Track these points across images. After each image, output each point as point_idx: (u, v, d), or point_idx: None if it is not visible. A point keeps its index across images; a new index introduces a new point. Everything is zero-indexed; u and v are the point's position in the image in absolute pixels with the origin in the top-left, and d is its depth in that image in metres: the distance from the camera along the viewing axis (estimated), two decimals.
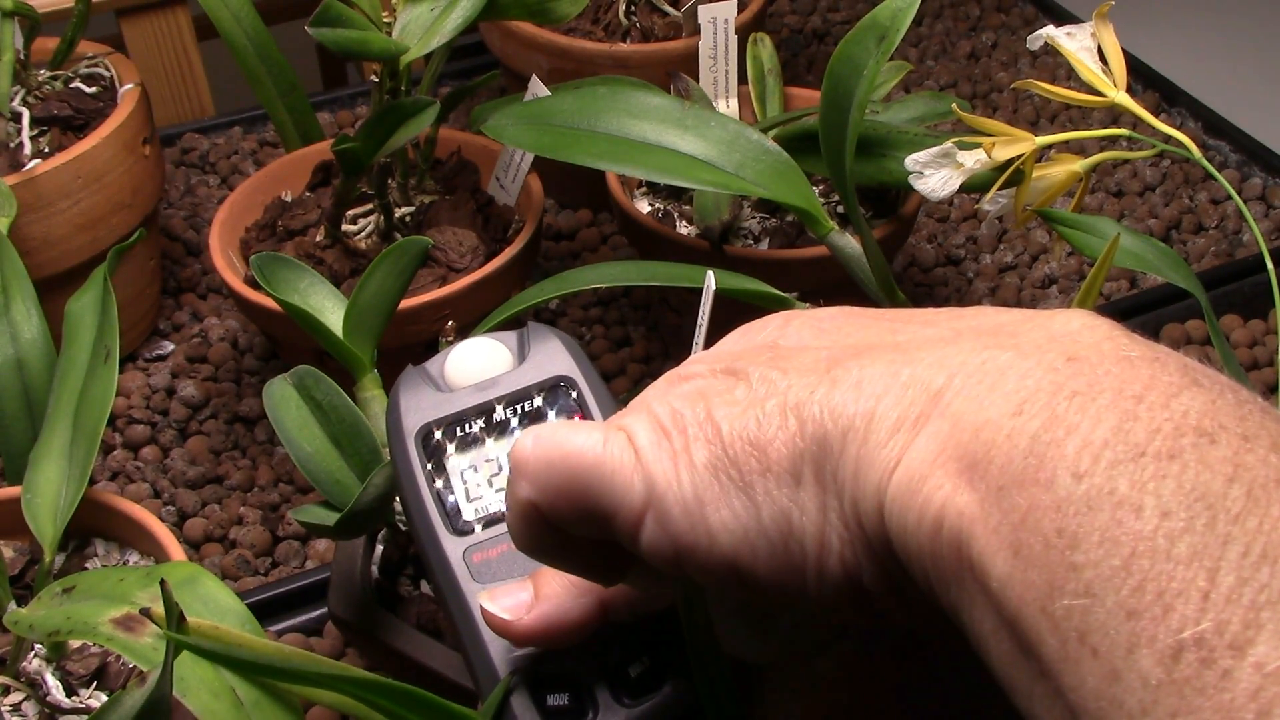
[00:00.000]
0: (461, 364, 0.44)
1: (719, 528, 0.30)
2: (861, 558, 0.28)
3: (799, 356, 0.31)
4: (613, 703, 0.38)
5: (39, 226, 0.77)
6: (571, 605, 0.37)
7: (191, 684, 0.46)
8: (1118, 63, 0.62)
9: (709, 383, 0.32)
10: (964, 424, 0.26)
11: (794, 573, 0.29)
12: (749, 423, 0.30)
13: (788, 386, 0.30)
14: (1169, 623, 0.22)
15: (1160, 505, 0.23)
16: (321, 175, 0.85)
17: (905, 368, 0.28)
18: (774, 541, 0.29)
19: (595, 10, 0.98)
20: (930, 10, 1.24)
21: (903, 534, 0.26)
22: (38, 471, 0.57)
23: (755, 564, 0.30)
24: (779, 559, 0.29)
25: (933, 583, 0.26)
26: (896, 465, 0.27)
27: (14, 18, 0.80)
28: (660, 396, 0.32)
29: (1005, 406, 0.26)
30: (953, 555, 0.25)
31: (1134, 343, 0.27)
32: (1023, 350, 0.27)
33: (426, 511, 0.41)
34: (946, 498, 0.25)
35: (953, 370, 0.27)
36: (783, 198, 0.66)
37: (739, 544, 0.30)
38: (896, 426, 0.27)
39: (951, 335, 0.29)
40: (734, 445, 0.30)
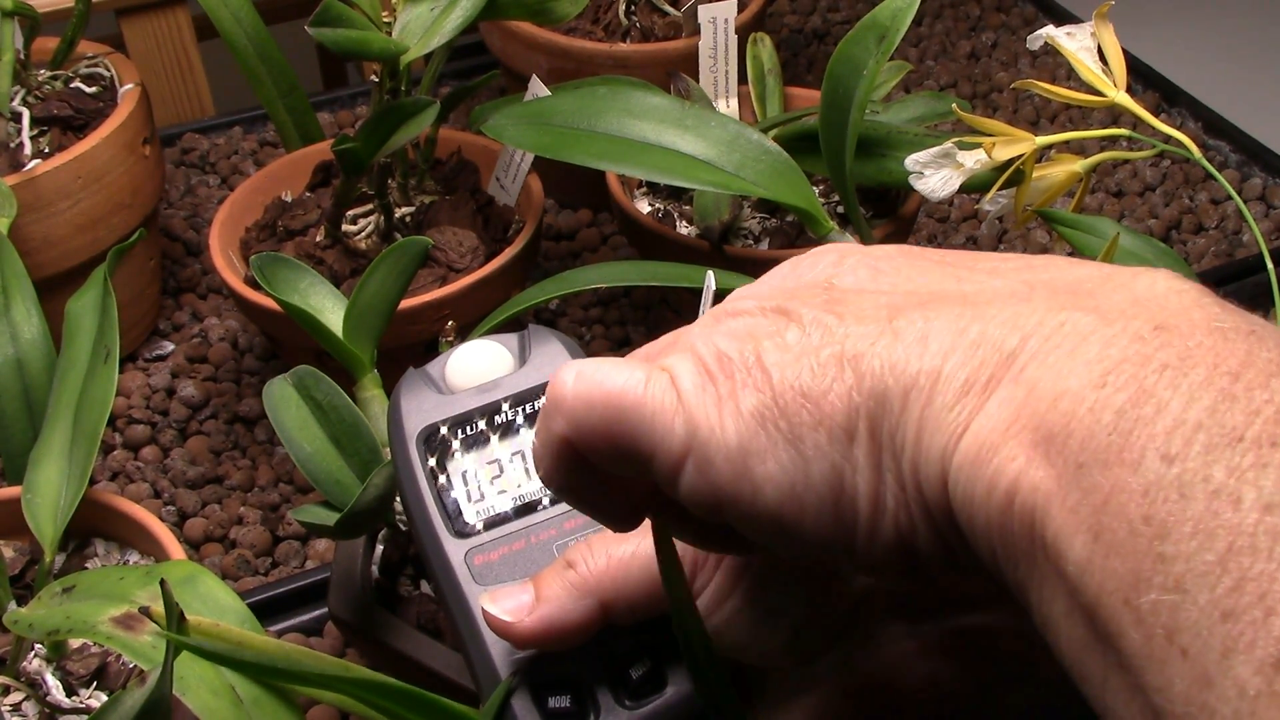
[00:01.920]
0: (462, 366, 0.44)
1: (764, 480, 0.28)
2: (918, 522, 0.27)
3: (856, 300, 0.29)
4: (614, 704, 0.38)
5: (39, 226, 0.77)
6: (572, 607, 0.37)
7: (191, 682, 0.46)
8: (1118, 63, 0.62)
9: (758, 322, 0.30)
10: (1041, 392, 0.24)
11: (843, 531, 0.28)
12: (802, 372, 0.28)
13: (845, 334, 0.28)
14: (1270, 629, 0.20)
15: (1262, 498, 0.21)
16: (321, 175, 0.85)
17: (974, 324, 0.26)
18: (823, 498, 0.28)
19: (595, 10, 0.98)
20: (930, 10, 1.24)
21: (968, 505, 0.25)
22: (38, 471, 0.57)
23: (802, 520, 0.28)
24: (828, 517, 0.28)
25: (999, 558, 0.25)
26: (964, 431, 0.25)
27: (14, 18, 0.80)
28: (705, 335, 0.31)
29: (1087, 376, 0.24)
30: (1024, 532, 0.24)
31: (1225, 312, 0.25)
32: (1105, 314, 0.25)
33: (428, 513, 0.41)
34: (1019, 471, 0.24)
35: (1027, 331, 0.25)
36: (783, 198, 0.66)
37: (785, 498, 0.28)
38: (965, 389, 0.25)
39: (1024, 290, 0.27)
40: (784, 395, 0.28)
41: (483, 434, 0.42)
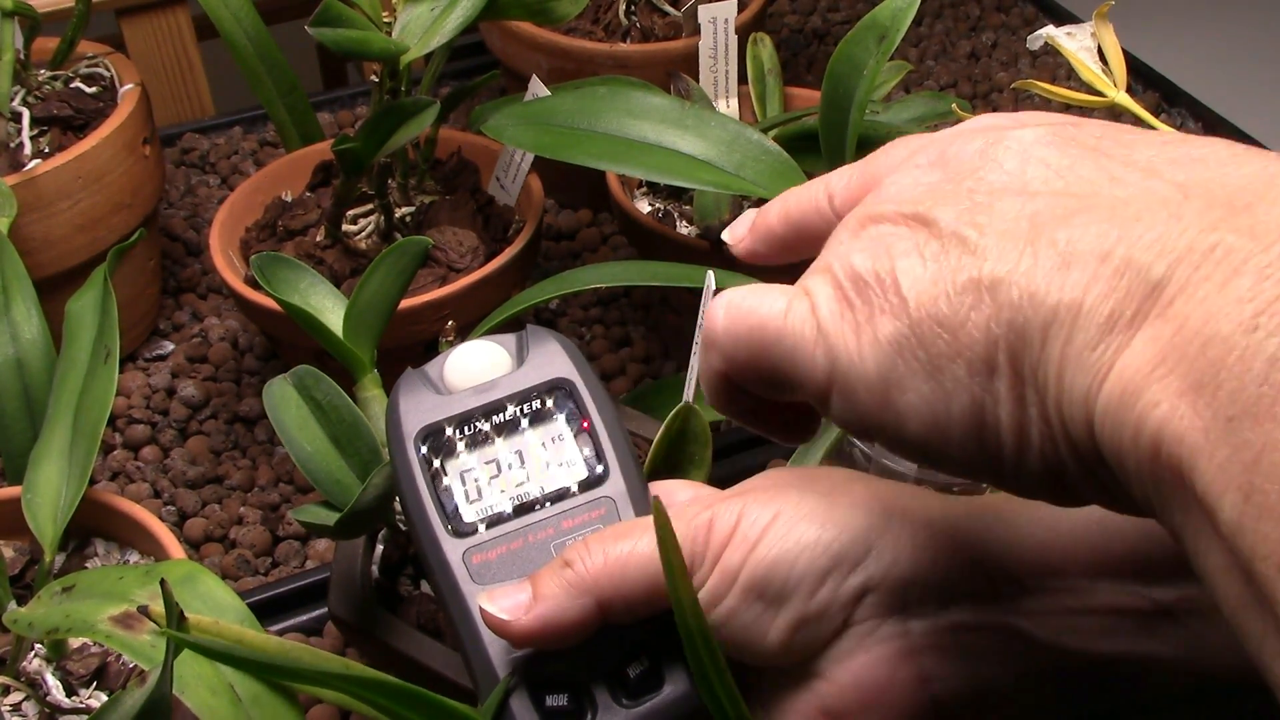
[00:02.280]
0: (460, 367, 0.44)
1: (907, 411, 0.28)
2: (1065, 457, 0.26)
3: (1000, 206, 0.28)
4: (611, 703, 0.38)
5: (39, 226, 0.77)
6: (569, 606, 0.37)
7: (189, 681, 0.46)
8: (1118, 63, 0.62)
9: (897, 232, 0.29)
10: (1188, 332, 0.23)
11: (989, 460, 0.27)
12: (939, 298, 0.27)
13: (984, 255, 0.27)
14: None
15: None
16: (321, 175, 0.85)
17: (1119, 246, 0.25)
18: (967, 430, 0.27)
19: (595, 10, 0.98)
20: (930, 10, 1.24)
21: (1116, 449, 0.24)
22: (38, 471, 0.57)
23: (948, 449, 0.28)
24: (972, 446, 0.27)
25: (1153, 502, 0.24)
26: (1109, 372, 0.24)
27: (14, 18, 0.80)
28: (844, 250, 0.30)
29: (1238, 316, 0.22)
30: (1173, 481, 0.23)
31: None
32: (1261, 237, 0.23)
33: (426, 513, 0.41)
34: (1164, 418, 0.23)
35: (1176, 257, 0.24)
36: None
37: (929, 428, 0.28)
38: (1109, 324, 0.24)
39: (1177, 197, 0.25)
40: (921, 323, 0.27)
41: (481, 434, 0.42)
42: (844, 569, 0.37)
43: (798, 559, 0.37)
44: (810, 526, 0.37)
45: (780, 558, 0.37)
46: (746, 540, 0.37)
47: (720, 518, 0.38)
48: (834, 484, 0.39)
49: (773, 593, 0.37)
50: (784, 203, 0.37)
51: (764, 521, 0.38)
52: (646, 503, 0.42)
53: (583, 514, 0.41)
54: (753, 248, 0.38)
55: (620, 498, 0.41)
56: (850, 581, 0.37)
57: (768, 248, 0.38)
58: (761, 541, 0.37)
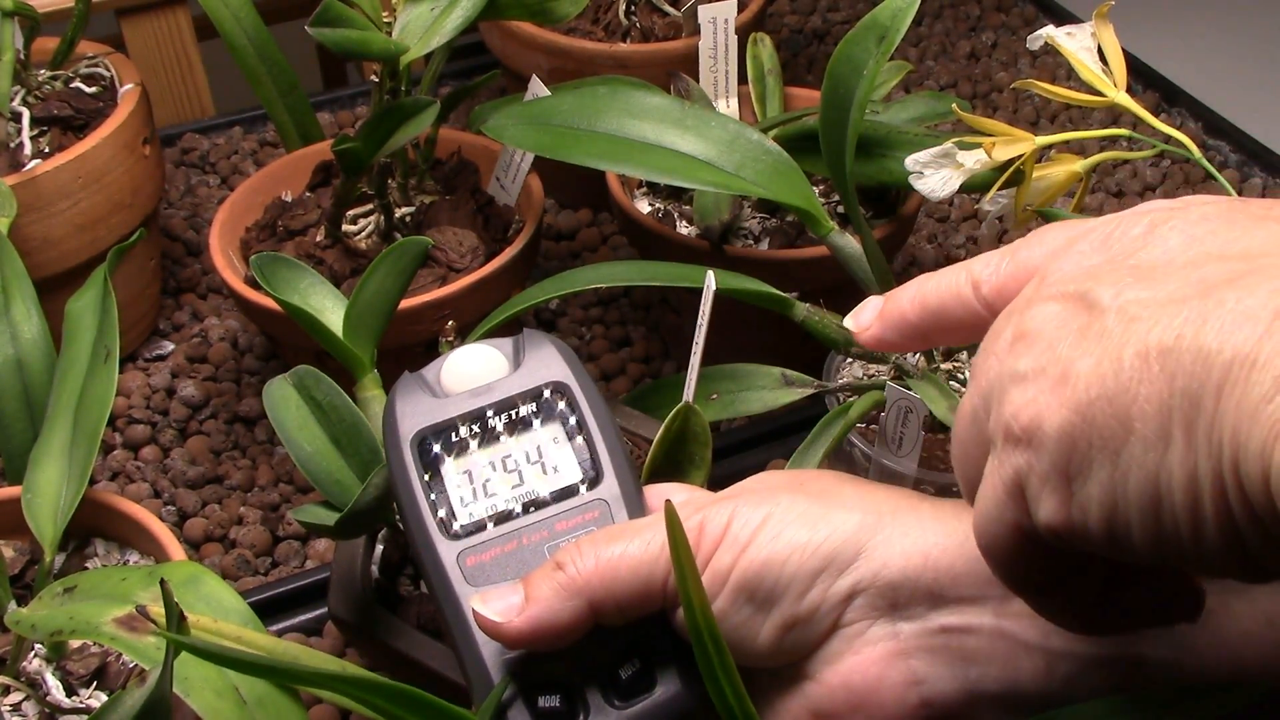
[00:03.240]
0: (457, 370, 0.44)
1: (1086, 503, 0.27)
2: (1243, 523, 0.25)
3: (1164, 278, 0.27)
4: (604, 704, 0.38)
5: (39, 226, 0.77)
6: (561, 608, 0.37)
7: (195, 683, 0.46)
8: (1118, 63, 0.62)
9: (1058, 315, 0.29)
10: None
11: (1169, 541, 0.26)
12: (1106, 378, 0.26)
13: (1150, 325, 0.26)
14: None
15: None
16: (321, 175, 0.85)
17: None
18: (1144, 511, 0.26)
19: (595, 10, 0.98)
20: (930, 10, 1.24)
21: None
22: (38, 471, 0.57)
23: (1130, 536, 0.27)
24: (1150, 528, 0.26)
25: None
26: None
27: (14, 18, 0.80)
28: (1006, 362, 0.29)
29: None
30: None
31: None
32: None
33: (421, 516, 0.41)
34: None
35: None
36: (783, 198, 0.66)
37: (1109, 517, 0.27)
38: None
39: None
40: (1091, 405, 0.27)
41: (476, 437, 0.43)
42: (834, 571, 0.37)
43: (788, 561, 0.37)
44: (800, 529, 0.37)
45: (770, 559, 0.37)
46: (737, 542, 0.37)
47: (711, 520, 0.38)
48: (825, 486, 0.39)
49: (763, 594, 0.37)
50: (920, 289, 0.36)
51: (754, 523, 0.38)
52: (641, 505, 0.42)
53: (577, 516, 0.41)
54: (882, 335, 0.38)
55: (614, 500, 0.41)
56: (840, 583, 0.37)
57: (900, 336, 0.37)
58: (752, 544, 0.37)
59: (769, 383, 0.63)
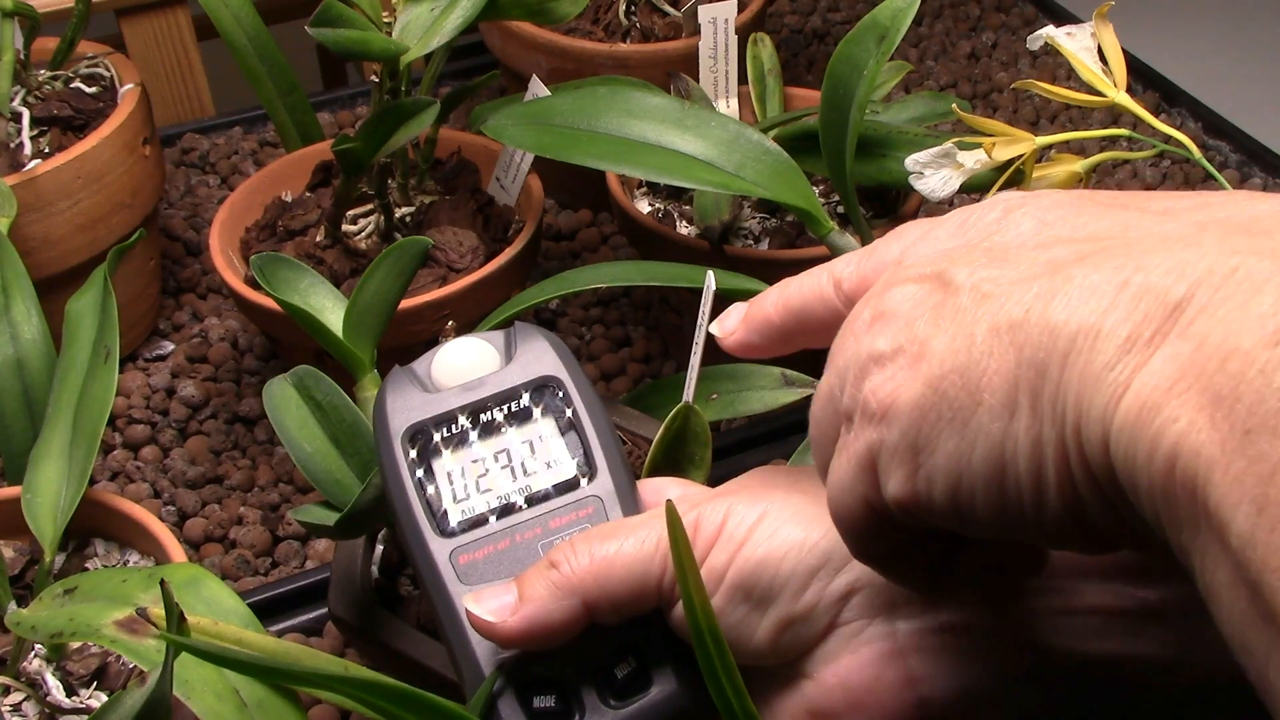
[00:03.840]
0: (448, 364, 0.44)
1: (934, 475, 0.28)
2: (1084, 491, 0.25)
3: (1017, 259, 0.28)
4: (599, 704, 0.38)
5: (39, 226, 0.77)
6: (555, 607, 0.37)
7: (195, 686, 0.46)
8: (1118, 63, 0.62)
9: (915, 294, 0.30)
10: (1208, 348, 0.23)
11: (1012, 511, 0.27)
12: (959, 353, 0.27)
13: (1001, 302, 0.27)
14: None
15: None
16: (321, 175, 0.85)
17: (1136, 274, 0.25)
18: (989, 480, 0.27)
19: (595, 10, 0.98)
20: (930, 10, 1.24)
21: (1130, 467, 0.24)
22: (38, 471, 0.57)
23: (974, 506, 0.27)
24: (995, 498, 0.27)
25: (1163, 521, 0.24)
26: (1126, 390, 0.24)
27: (14, 18, 0.80)
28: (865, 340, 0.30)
29: (1260, 332, 0.22)
30: (1186, 498, 0.23)
31: None
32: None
33: (413, 513, 0.41)
34: (1182, 433, 0.23)
35: (1195, 279, 0.24)
36: (783, 198, 0.66)
37: (954, 488, 0.27)
38: (1127, 345, 0.24)
39: (1193, 232, 0.26)
40: (944, 378, 0.27)
41: (468, 433, 0.42)
42: (830, 569, 0.37)
43: (784, 559, 0.37)
44: (797, 526, 0.37)
45: (767, 558, 0.37)
46: (733, 540, 0.37)
47: (706, 517, 0.38)
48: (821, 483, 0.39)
49: (759, 593, 0.37)
50: (783, 292, 0.37)
51: (750, 521, 0.37)
52: (635, 502, 0.41)
53: (570, 513, 0.41)
54: (746, 339, 0.38)
55: (608, 497, 0.41)
56: (837, 582, 0.37)
57: (764, 339, 0.37)
58: (748, 541, 0.37)
59: (769, 383, 0.63)
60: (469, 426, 0.42)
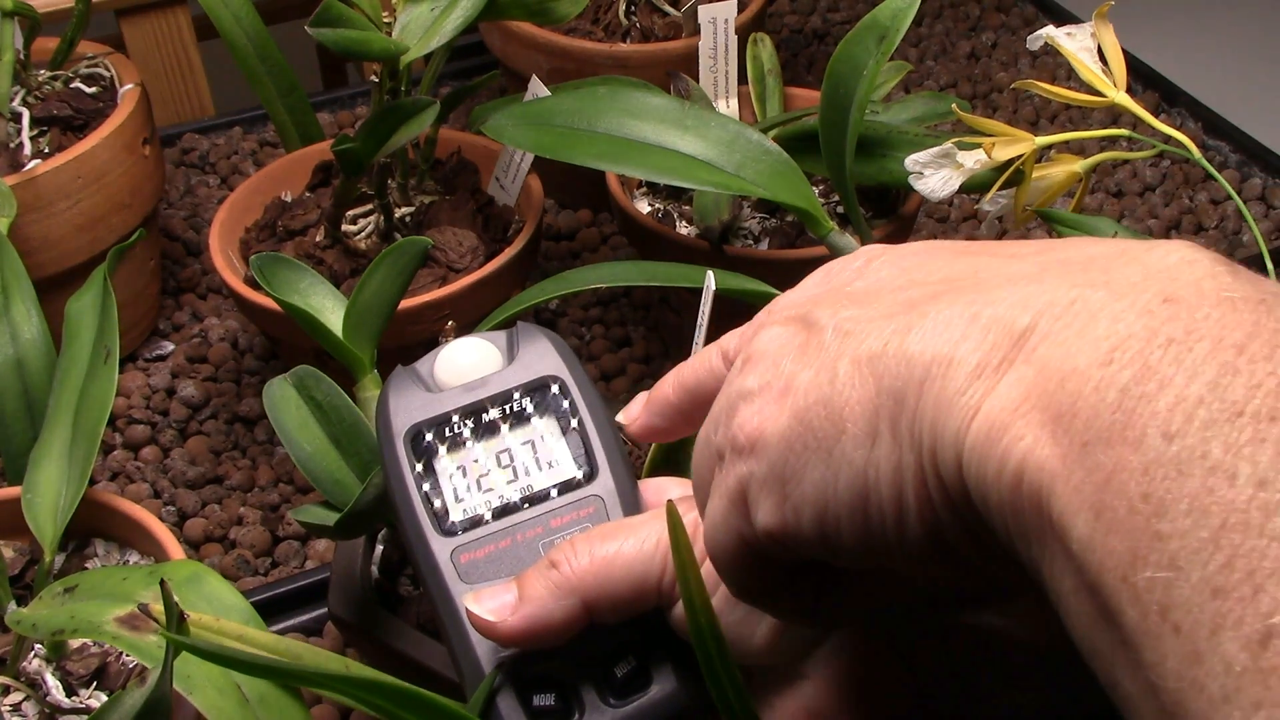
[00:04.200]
0: (450, 364, 0.44)
1: (801, 505, 0.29)
2: (942, 513, 0.27)
3: (875, 300, 0.30)
4: (599, 703, 0.38)
5: (39, 226, 0.77)
6: (555, 606, 0.37)
7: (197, 681, 0.46)
8: (1118, 63, 0.62)
9: (781, 335, 0.31)
10: (1050, 371, 0.24)
11: (875, 536, 0.28)
12: (823, 385, 0.28)
13: (862, 338, 0.28)
14: (1258, 605, 0.20)
15: (1256, 473, 0.21)
16: (321, 175, 0.85)
17: (986, 308, 0.26)
18: (853, 506, 0.28)
19: (595, 10, 0.98)
20: (930, 10, 1.24)
21: (981, 485, 0.25)
22: (38, 471, 0.57)
23: (840, 534, 0.28)
24: (859, 523, 0.28)
25: (1013, 537, 0.25)
26: (976, 413, 0.25)
27: (14, 18, 0.80)
28: (737, 383, 0.32)
29: (1094, 354, 0.24)
30: (1033, 511, 0.24)
31: (1238, 281, 0.24)
32: (1115, 289, 0.25)
33: (415, 512, 0.41)
34: (1028, 450, 0.24)
35: (1038, 310, 0.26)
36: (783, 198, 0.66)
37: (821, 517, 0.28)
38: (977, 371, 0.26)
39: (1037, 270, 0.28)
40: (808, 410, 0.29)
41: (469, 432, 0.42)
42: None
43: None
44: None
45: None
46: None
47: None
48: None
49: None
50: (678, 374, 0.38)
51: None
52: (636, 502, 0.41)
53: (571, 513, 0.41)
54: (649, 423, 0.39)
55: (609, 496, 0.41)
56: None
57: (665, 420, 0.39)
58: None
59: None
60: (471, 426, 0.42)
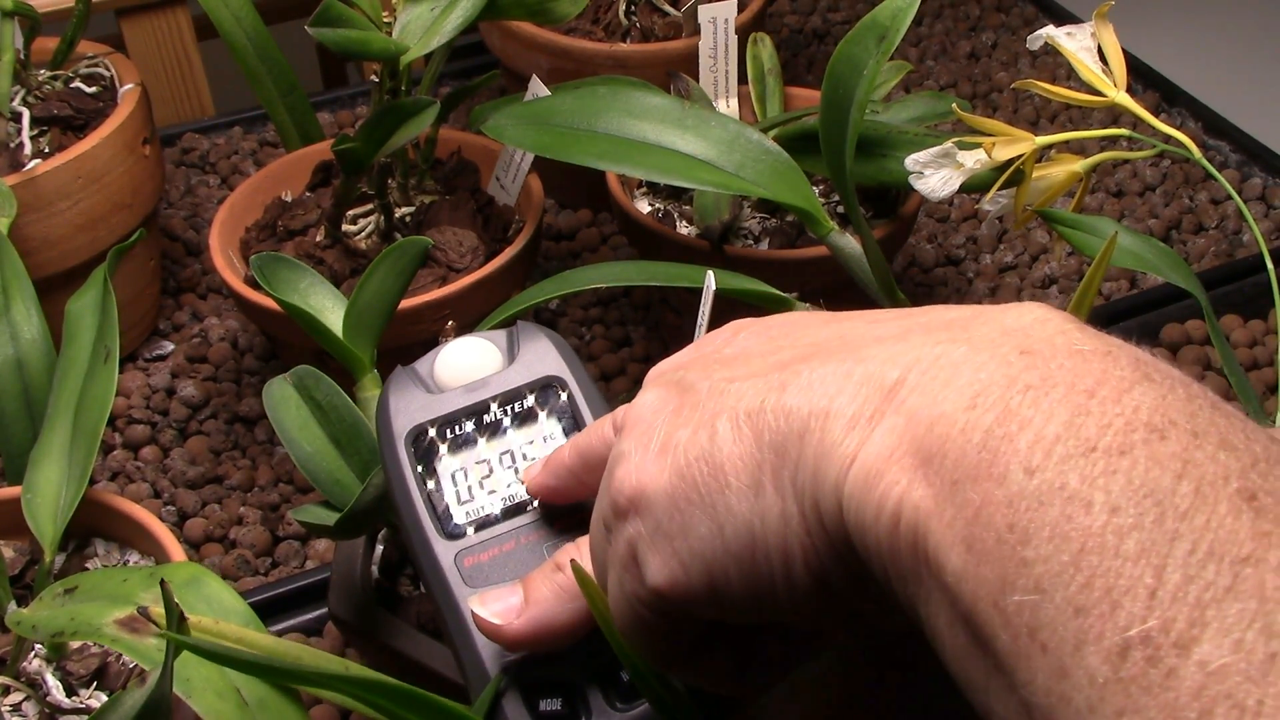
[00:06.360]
0: (451, 364, 0.43)
1: (690, 560, 0.30)
2: (826, 560, 0.28)
3: (748, 363, 0.31)
4: (605, 707, 0.38)
5: (39, 226, 0.77)
6: (561, 609, 0.37)
7: (196, 684, 0.46)
8: (1118, 63, 0.62)
9: (660, 396, 0.33)
10: (919, 418, 0.26)
11: (764, 587, 0.29)
12: (703, 442, 0.30)
13: (738, 396, 0.30)
14: (1116, 620, 0.22)
15: (1109, 501, 0.23)
16: (321, 175, 0.85)
17: (857, 366, 0.28)
18: (741, 557, 0.29)
19: (595, 10, 0.98)
20: (930, 10, 1.24)
21: (860, 530, 0.26)
22: (38, 471, 0.57)
23: (729, 587, 0.29)
24: (747, 575, 0.29)
25: (891, 578, 0.26)
26: (853, 461, 0.27)
27: (14, 18, 0.80)
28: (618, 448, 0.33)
29: (959, 400, 0.26)
30: (909, 550, 0.25)
31: (1086, 336, 0.27)
32: (976, 344, 0.27)
33: (418, 515, 0.41)
34: (903, 492, 0.25)
35: (906, 365, 0.27)
36: (783, 198, 0.66)
37: (710, 571, 0.29)
38: (852, 423, 0.27)
39: (900, 332, 0.29)
40: (690, 466, 0.30)
41: (472, 434, 0.42)
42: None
43: None
44: None
45: None
46: None
47: None
48: None
49: None
50: (575, 441, 0.40)
51: None
52: None
53: (575, 515, 0.41)
54: (544, 483, 0.40)
55: None
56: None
57: (560, 482, 0.40)
58: None
59: None
60: (472, 427, 0.42)
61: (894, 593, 0.26)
